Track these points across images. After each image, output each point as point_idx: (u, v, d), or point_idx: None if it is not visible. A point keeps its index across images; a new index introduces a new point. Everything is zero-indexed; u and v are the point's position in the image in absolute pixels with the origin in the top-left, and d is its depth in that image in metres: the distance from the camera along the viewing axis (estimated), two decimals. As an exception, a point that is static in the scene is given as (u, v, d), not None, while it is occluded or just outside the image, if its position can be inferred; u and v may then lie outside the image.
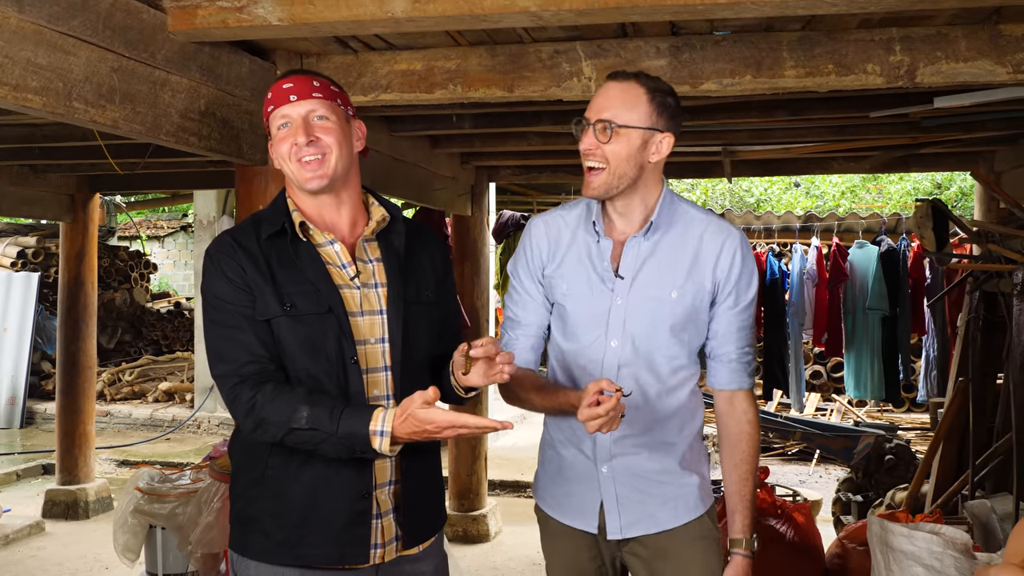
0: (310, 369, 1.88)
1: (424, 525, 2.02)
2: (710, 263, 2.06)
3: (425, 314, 2.01)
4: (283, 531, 1.89)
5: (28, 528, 5.96)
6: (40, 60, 2.13)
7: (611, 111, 1.99)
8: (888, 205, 14.83)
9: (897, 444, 5.45)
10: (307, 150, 1.90)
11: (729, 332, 2.11)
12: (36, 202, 6.24)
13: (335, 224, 1.98)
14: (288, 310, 1.86)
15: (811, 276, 6.57)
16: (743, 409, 2.13)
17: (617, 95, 2.01)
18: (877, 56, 2.81)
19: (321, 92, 1.94)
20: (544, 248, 2.16)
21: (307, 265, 1.91)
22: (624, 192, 2.05)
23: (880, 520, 2.75)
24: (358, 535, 1.89)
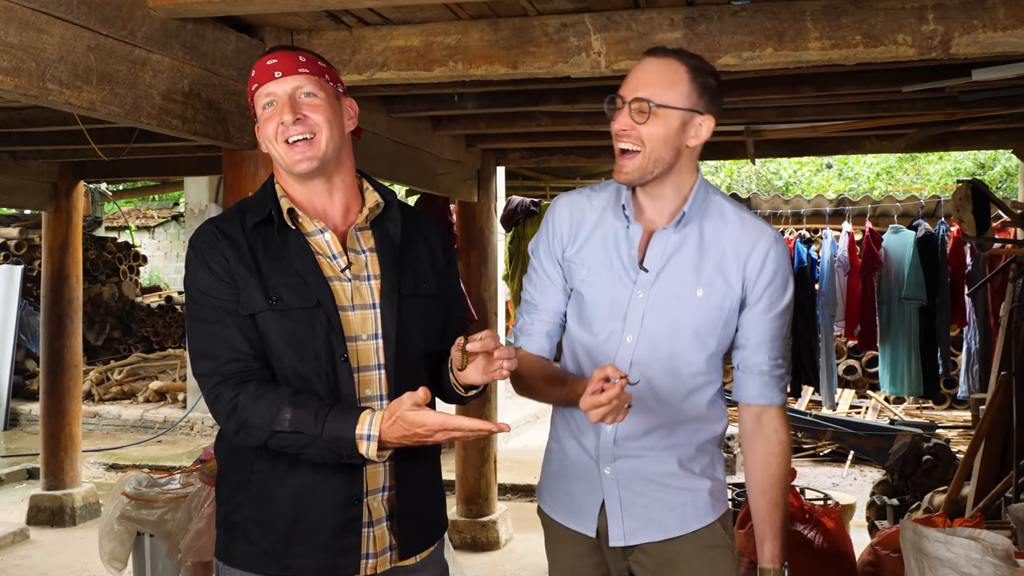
0: (297, 367, 1.87)
1: (421, 534, 2.00)
2: (740, 261, 2.03)
3: (422, 308, 1.98)
4: (269, 539, 1.89)
5: (12, 536, 6.02)
6: (11, 39, 2.13)
7: (649, 89, 1.96)
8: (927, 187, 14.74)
9: (936, 444, 5.43)
10: (294, 129, 1.88)
11: (760, 341, 2.06)
12: (16, 191, 6.27)
13: (326, 211, 1.96)
14: (274, 304, 1.85)
15: (843, 264, 6.54)
16: (774, 428, 2.09)
17: (656, 71, 1.98)
18: (908, 25, 2.79)
19: (308, 67, 1.92)
20: (566, 228, 2.14)
21: (295, 255, 1.89)
22: (658, 178, 2.02)
23: (914, 525, 2.74)
24: (348, 544, 1.88)
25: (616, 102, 2.01)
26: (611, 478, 2.08)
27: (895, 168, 16.22)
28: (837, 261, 6.56)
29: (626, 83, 2.01)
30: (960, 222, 4.96)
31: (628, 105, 1.97)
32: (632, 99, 1.97)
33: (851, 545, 3.58)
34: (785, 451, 2.09)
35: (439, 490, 2.10)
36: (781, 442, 2.08)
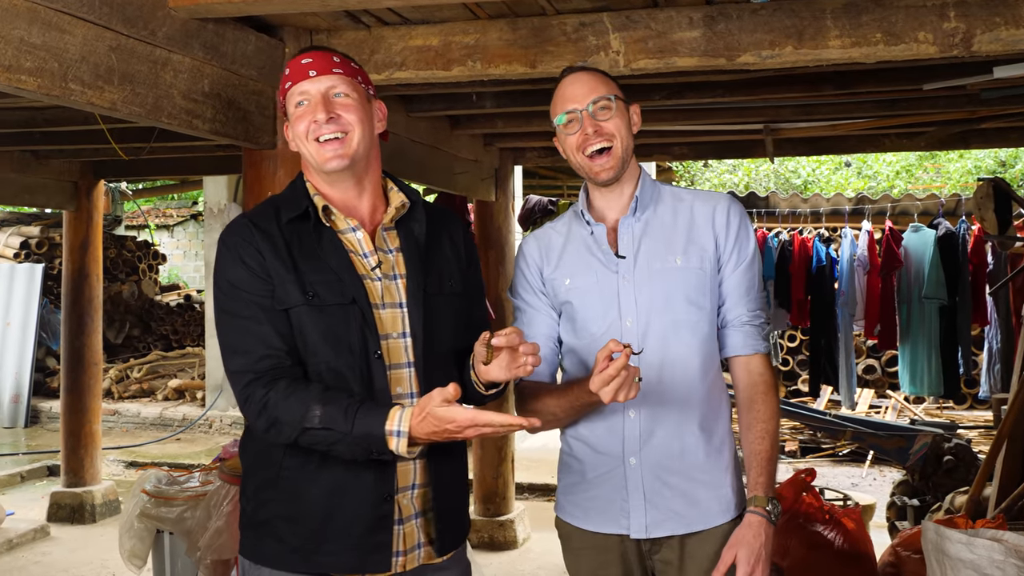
0: (332, 363, 1.88)
1: (451, 532, 2.01)
2: (707, 225, 2.16)
3: (449, 306, 2.00)
4: (298, 537, 1.89)
5: (33, 532, 6.06)
6: (34, 39, 2.15)
7: (598, 90, 2.12)
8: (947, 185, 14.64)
9: (957, 444, 5.39)
10: (327, 128, 1.89)
11: (738, 294, 2.17)
12: (38, 190, 6.32)
13: (356, 210, 1.98)
14: (311, 299, 1.86)
15: (862, 263, 6.50)
16: (759, 372, 2.18)
17: (588, 79, 2.15)
18: (929, 23, 2.77)
19: (342, 68, 1.94)
20: (537, 257, 2.25)
21: (330, 252, 1.91)
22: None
23: (936, 526, 2.72)
24: (379, 542, 1.88)
25: (567, 117, 2.13)
26: (636, 468, 2.10)
27: (915, 166, 16.11)
28: (857, 260, 6.52)
29: (565, 99, 2.14)
30: (981, 220, 4.93)
31: (586, 111, 2.11)
32: (590, 102, 2.10)
33: (871, 546, 3.57)
34: (769, 389, 2.17)
35: (465, 491, 2.11)
36: (765, 382, 2.17)
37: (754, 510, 2.07)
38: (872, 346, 9.45)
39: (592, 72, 2.19)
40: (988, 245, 6.38)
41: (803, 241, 6.66)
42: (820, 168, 16.28)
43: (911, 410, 9.18)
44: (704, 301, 2.14)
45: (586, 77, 2.16)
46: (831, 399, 9.10)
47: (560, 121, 2.14)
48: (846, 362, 6.62)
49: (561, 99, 2.16)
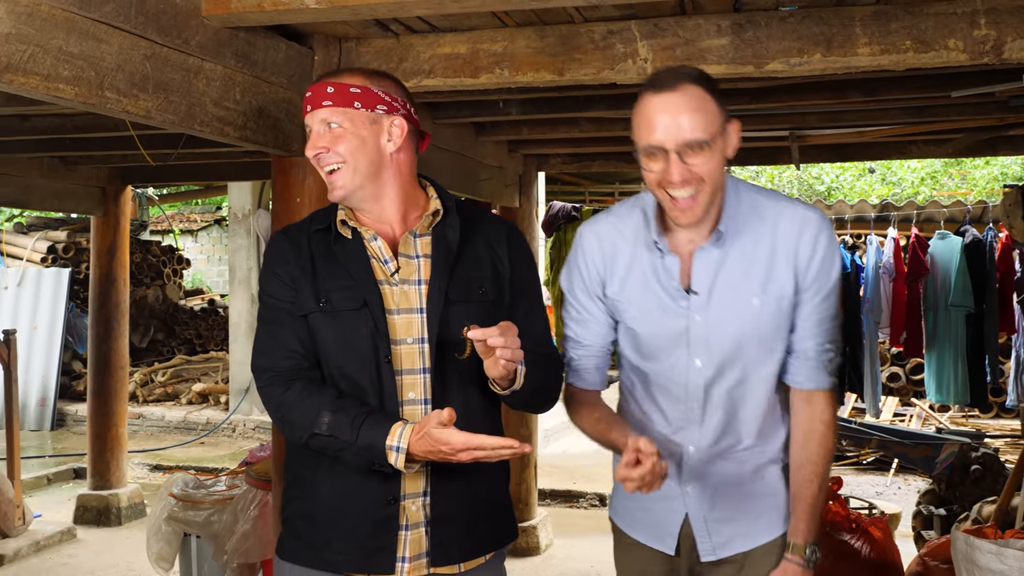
0: (344, 368, 1.94)
1: (460, 544, 1.99)
2: (790, 256, 1.98)
3: (474, 314, 1.97)
4: (312, 534, 1.96)
5: (59, 534, 6.11)
6: (72, 48, 2.18)
7: (691, 128, 1.84)
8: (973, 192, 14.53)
9: (984, 453, 5.35)
10: (324, 159, 1.98)
11: (809, 325, 2.02)
12: (67, 195, 6.40)
13: (379, 222, 2.03)
14: (323, 306, 1.94)
15: (888, 270, 6.47)
16: (820, 409, 2.06)
17: (683, 104, 1.84)
18: (960, 30, 2.76)
19: (332, 99, 1.97)
20: (599, 265, 2.10)
21: (351, 259, 1.97)
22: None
23: (966, 536, 2.71)
24: (383, 544, 1.93)
25: (655, 154, 1.87)
26: (693, 496, 2.09)
27: (940, 173, 16.01)
28: (882, 267, 6.49)
29: (654, 129, 1.85)
30: (1010, 228, 4.90)
31: (676, 152, 1.85)
32: (680, 146, 1.85)
33: (899, 555, 3.55)
34: (827, 431, 2.06)
35: (496, 499, 2.09)
36: (824, 421, 2.06)
37: (791, 558, 2.05)
38: (896, 354, 9.39)
39: (685, 91, 1.85)
40: (1016, 252, 6.34)
41: (828, 248, 6.63)
42: (844, 175, 16.20)
43: (936, 418, 9.11)
44: (777, 343, 2.04)
45: (679, 103, 1.84)
46: (855, 407, 9.05)
47: (640, 150, 1.90)
48: (871, 370, 6.58)
49: (646, 126, 1.87)
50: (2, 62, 1.99)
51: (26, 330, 10.33)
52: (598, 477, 7.54)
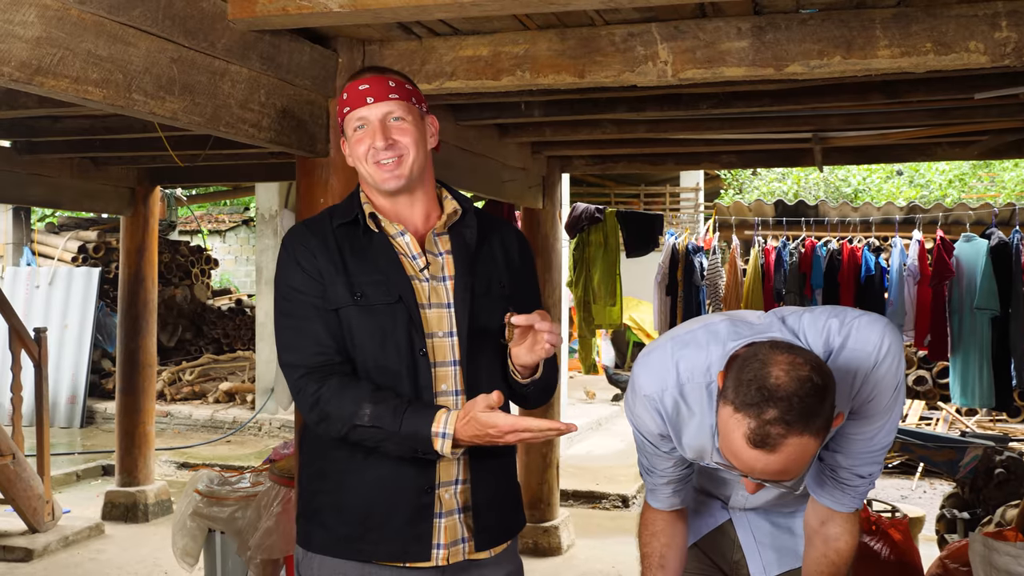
0: (379, 360, 1.97)
1: (494, 529, 2.06)
2: (845, 401, 1.80)
3: (496, 307, 2.05)
4: (345, 525, 1.98)
5: (88, 530, 6.20)
6: (100, 52, 2.23)
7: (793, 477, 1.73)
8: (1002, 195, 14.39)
9: (1009, 457, 5.31)
10: (384, 154, 2.00)
11: (853, 448, 1.90)
12: (97, 195, 6.48)
13: (408, 219, 2.07)
14: (358, 300, 1.96)
15: (912, 272, 6.43)
16: (837, 534, 1.97)
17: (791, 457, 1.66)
18: (981, 32, 2.76)
19: (397, 93, 2.03)
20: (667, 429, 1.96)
21: (379, 254, 2.01)
22: None
23: (983, 538, 2.71)
24: (420, 532, 1.96)
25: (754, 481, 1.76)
26: (742, 520, 2.18)
27: (968, 175, 15.86)
28: (907, 270, 6.45)
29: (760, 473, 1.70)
30: (1035, 231, 4.86)
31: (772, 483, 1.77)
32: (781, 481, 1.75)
33: (919, 558, 3.54)
34: (843, 559, 1.97)
35: (514, 488, 2.16)
36: (839, 551, 1.97)
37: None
38: (923, 357, 9.32)
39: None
40: (1042, 255, 6.27)
41: (852, 250, 6.61)
42: (871, 177, 16.09)
43: (963, 422, 9.03)
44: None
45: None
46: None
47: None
48: (895, 373, 6.54)
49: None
50: (32, 65, 2.04)
51: (57, 329, 10.47)
52: (621, 478, 7.54)
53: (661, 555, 2.09)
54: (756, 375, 1.64)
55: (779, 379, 1.62)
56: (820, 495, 1.97)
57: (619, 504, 7.20)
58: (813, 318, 1.87)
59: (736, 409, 1.65)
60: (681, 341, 1.93)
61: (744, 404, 1.64)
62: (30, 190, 6.03)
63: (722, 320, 1.89)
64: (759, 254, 6.89)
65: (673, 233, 7.36)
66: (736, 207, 9.71)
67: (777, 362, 1.65)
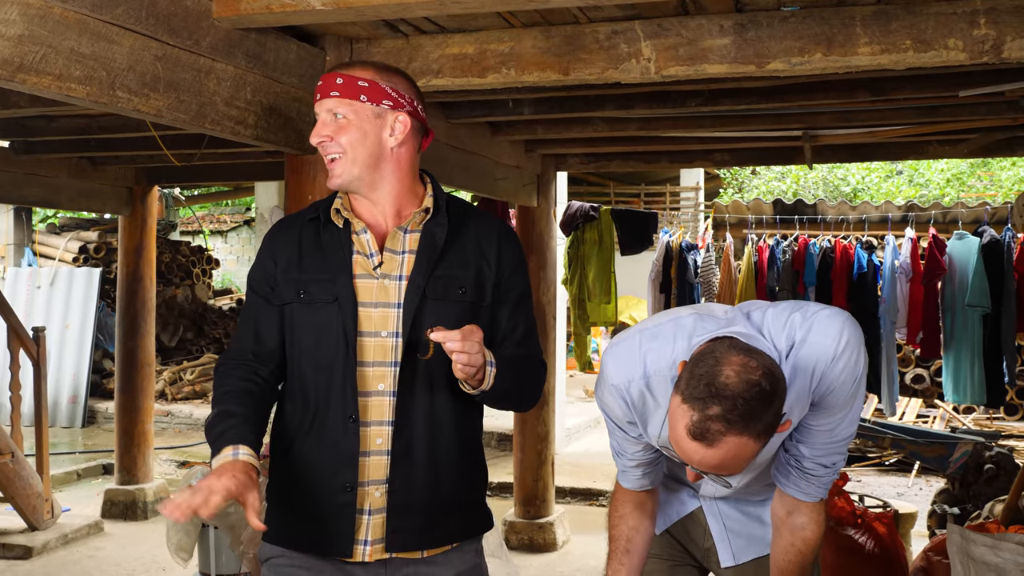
0: (314, 357, 2.02)
1: (419, 533, 2.02)
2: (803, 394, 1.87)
3: (451, 312, 2.00)
4: (281, 516, 2.04)
5: (87, 528, 6.23)
6: (83, 49, 2.25)
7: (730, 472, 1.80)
8: (1000, 194, 14.40)
9: (998, 452, 5.32)
10: (327, 147, 2.04)
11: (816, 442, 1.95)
12: (95, 195, 6.52)
13: (368, 217, 2.08)
14: (301, 297, 2.02)
15: (904, 270, 6.44)
16: (802, 523, 2.01)
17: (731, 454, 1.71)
18: (959, 30, 2.77)
19: (340, 90, 2.02)
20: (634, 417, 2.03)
21: (334, 251, 2.03)
22: None
23: (961, 529, 2.72)
24: (340, 528, 1.98)
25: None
26: (712, 509, 2.21)
27: (966, 174, 15.86)
28: (899, 267, 6.46)
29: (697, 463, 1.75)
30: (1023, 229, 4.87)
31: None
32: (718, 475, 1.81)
33: (903, 551, 3.56)
34: (808, 548, 2.01)
35: (458, 496, 2.08)
36: (805, 540, 2.01)
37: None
38: (919, 355, 9.33)
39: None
40: (1034, 253, 6.28)
41: (845, 248, 6.62)
42: (870, 176, 16.10)
43: (959, 419, 9.04)
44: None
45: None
46: (877, 407, 9.00)
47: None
48: (887, 370, 6.55)
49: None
50: (14, 62, 2.07)
51: (58, 329, 10.52)
52: (617, 476, 7.55)
53: (628, 539, 2.12)
54: (708, 371, 1.68)
55: (728, 378, 1.66)
56: (786, 486, 2.01)
57: (615, 501, 7.21)
58: (776, 313, 1.91)
59: (683, 400, 1.70)
60: (650, 334, 1.96)
61: (691, 397, 1.68)
62: (28, 190, 6.07)
63: (690, 314, 1.91)
64: (752, 252, 6.90)
65: (667, 231, 7.38)
66: (735, 206, 9.72)
67: (731, 362, 1.68)
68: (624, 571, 2.10)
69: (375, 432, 1.99)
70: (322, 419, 2.00)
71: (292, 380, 2.06)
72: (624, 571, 2.10)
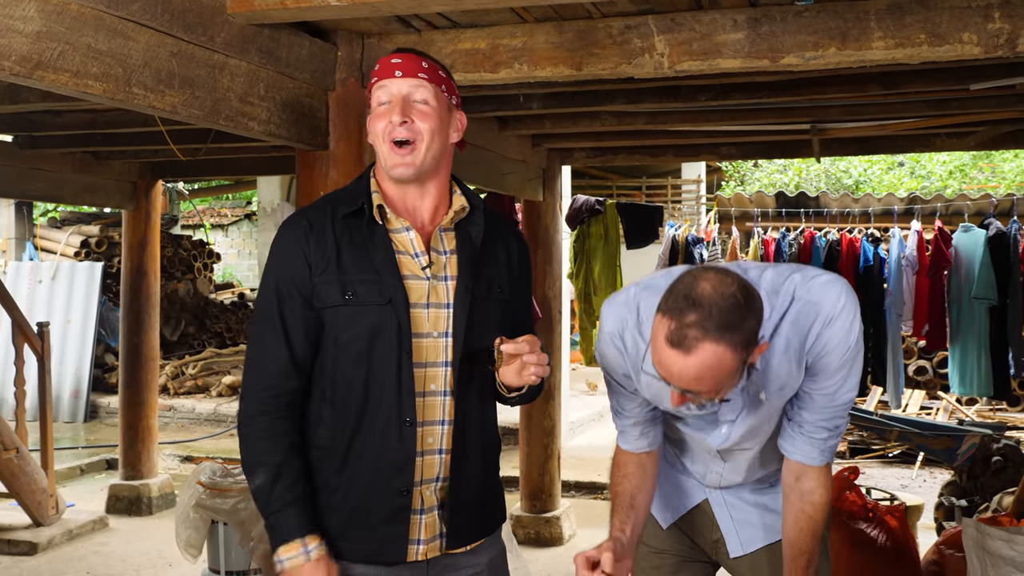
0: (363, 357, 1.95)
1: (471, 526, 2.07)
2: (804, 347, 1.94)
3: (494, 311, 2.04)
4: (330, 526, 1.99)
5: (92, 523, 6.23)
6: (100, 46, 2.25)
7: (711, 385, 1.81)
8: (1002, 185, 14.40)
9: (1006, 444, 5.34)
10: (400, 130, 1.93)
11: (815, 400, 2.01)
12: (98, 189, 6.50)
13: (415, 211, 2.02)
14: (349, 299, 1.93)
15: (911, 262, 6.45)
16: (809, 490, 2.05)
17: (708, 363, 1.75)
18: (974, 24, 2.77)
19: (427, 74, 1.97)
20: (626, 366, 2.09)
21: (378, 250, 1.95)
22: None
23: (977, 523, 2.73)
24: (396, 532, 1.97)
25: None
26: (718, 499, 2.22)
27: (969, 166, 15.87)
28: (905, 260, 6.47)
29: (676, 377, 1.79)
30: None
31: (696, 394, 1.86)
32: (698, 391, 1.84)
33: (915, 544, 3.57)
34: (818, 512, 2.05)
35: (494, 488, 2.16)
36: (814, 504, 2.05)
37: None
38: (924, 347, 9.34)
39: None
40: (1041, 245, 6.30)
41: (851, 241, 6.62)
42: (872, 168, 16.10)
43: (963, 411, 9.06)
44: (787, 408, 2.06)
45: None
46: (881, 400, 9.02)
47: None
48: (893, 362, 6.57)
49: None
50: (33, 59, 2.06)
51: (60, 323, 10.51)
52: (622, 469, 7.56)
53: (632, 496, 2.13)
54: (685, 286, 1.78)
55: (704, 290, 1.75)
56: (792, 452, 2.06)
57: (620, 495, 7.23)
58: (777, 272, 1.99)
59: (663, 314, 1.78)
60: (644, 285, 2.06)
61: (669, 309, 1.77)
62: (31, 185, 6.06)
63: (685, 269, 1.96)
64: (759, 244, 6.91)
65: (673, 224, 7.38)
66: (737, 199, 9.73)
67: (707, 278, 1.78)
68: (630, 525, 2.10)
69: (427, 432, 1.98)
70: (370, 423, 1.95)
71: (332, 384, 1.97)
72: (630, 525, 2.10)
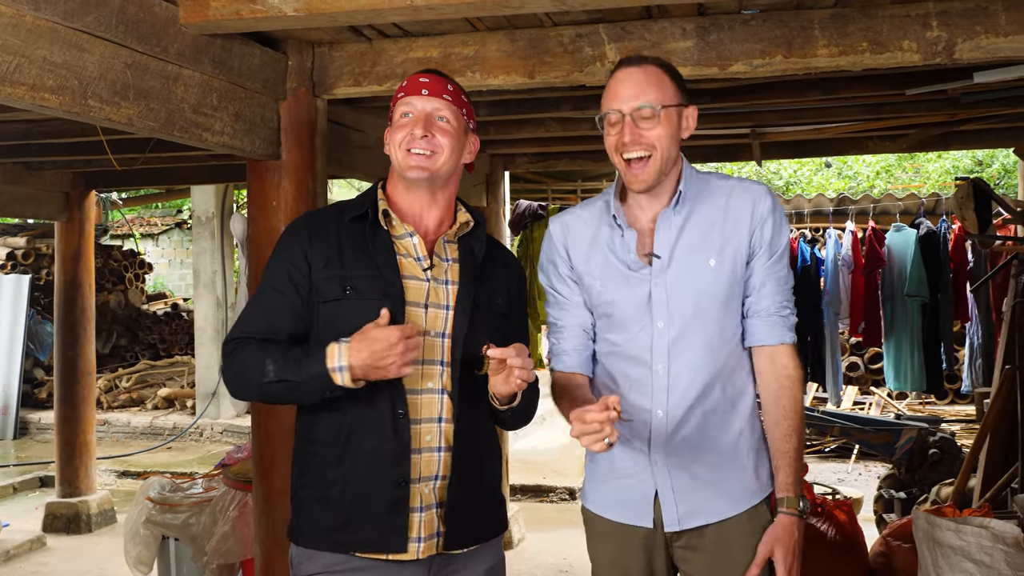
0: None
1: (470, 528, 2.10)
2: (744, 223, 2.15)
3: (491, 320, 2.12)
4: (328, 518, 2.03)
5: (29, 543, 6.08)
6: (55, 58, 2.22)
7: (647, 95, 2.08)
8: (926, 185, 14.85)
9: (941, 437, 5.52)
10: (419, 143, 2.04)
11: (766, 285, 2.17)
12: (29, 200, 6.34)
13: (421, 219, 2.12)
14: (349, 294, 2.02)
15: (846, 262, 6.62)
16: (783, 364, 2.18)
17: (644, 79, 2.09)
18: (913, 32, 2.88)
19: (452, 97, 2.10)
20: (563, 246, 2.27)
21: (379, 251, 2.05)
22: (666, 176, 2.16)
23: (927, 515, 2.83)
24: (396, 524, 2.01)
25: (610, 117, 2.11)
26: (661, 466, 2.17)
27: (894, 167, 16.33)
28: (841, 259, 6.64)
29: (614, 97, 2.11)
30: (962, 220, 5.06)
31: (630, 116, 2.08)
32: (634, 108, 2.08)
33: (863, 537, 3.67)
34: (795, 384, 2.19)
35: (494, 491, 2.21)
36: (790, 376, 2.18)
37: (786, 511, 2.15)
38: (856, 344, 9.60)
39: (646, 69, 2.11)
40: (968, 244, 6.52)
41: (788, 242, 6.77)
42: (801, 169, 16.46)
43: (894, 406, 9.33)
44: (734, 302, 2.17)
45: (638, 76, 2.10)
46: (816, 396, 9.24)
47: (604, 117, 2.13)
48: (832, 360, 6.74)
49: (611, 94, 2.12)
50: (-10, 73, 2.03)
51: (-14, 338, 10.22)
52: (567, 471, 7.63)
53: (584, 399, 2.17)
54: None
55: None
56: (764, 338, 2.19)
57: (566, 497, 7.28)
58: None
59: (615, 72, 2.12)
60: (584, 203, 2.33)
61: (619, 65, 2.13)
62: (-41, 197, 5.90)
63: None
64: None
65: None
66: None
67: None
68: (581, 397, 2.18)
69: (425, 429, 2.03)
70: (366, 416, 2.01)
71: None
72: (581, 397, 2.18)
